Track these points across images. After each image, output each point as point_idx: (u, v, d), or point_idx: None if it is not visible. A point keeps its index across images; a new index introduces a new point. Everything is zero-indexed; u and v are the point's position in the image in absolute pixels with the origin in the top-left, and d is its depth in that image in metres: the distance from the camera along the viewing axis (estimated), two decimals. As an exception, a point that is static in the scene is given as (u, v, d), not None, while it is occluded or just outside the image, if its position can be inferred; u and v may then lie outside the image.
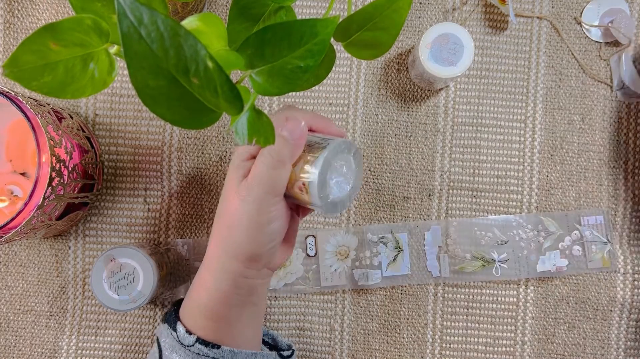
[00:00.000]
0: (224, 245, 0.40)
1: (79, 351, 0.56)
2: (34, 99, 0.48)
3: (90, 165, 0.53)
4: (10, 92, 0.44)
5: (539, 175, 0.56)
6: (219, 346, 0.41)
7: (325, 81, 0.52)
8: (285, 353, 0.47)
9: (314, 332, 0.56)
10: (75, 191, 0.51)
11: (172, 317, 0.43)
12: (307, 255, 0.55)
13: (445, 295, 0.55)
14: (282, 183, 0.38)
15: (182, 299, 0.47)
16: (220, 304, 0.41)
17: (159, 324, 0.46)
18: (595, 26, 0.55)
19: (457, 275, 0.55)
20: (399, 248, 0.55)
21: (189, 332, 0.41)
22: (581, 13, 0.56)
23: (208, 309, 0.41)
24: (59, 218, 0.51)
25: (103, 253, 0.48)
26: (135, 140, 0.56)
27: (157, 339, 0.43)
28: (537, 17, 0.56)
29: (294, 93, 0.56)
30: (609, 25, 0.55)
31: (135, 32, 0.25)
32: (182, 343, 0.41)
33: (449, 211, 0.56)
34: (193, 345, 0.41)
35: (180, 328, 0.41)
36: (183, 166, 0.56)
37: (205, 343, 0.41)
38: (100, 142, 0.56)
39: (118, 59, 0.32)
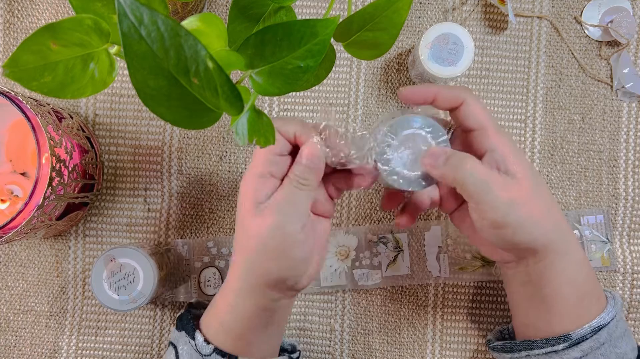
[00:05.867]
0: (249, 267, 0.40)
1: (79, 351, 0.56)
2: (34, 99, 0.48)
3: (90, 165, 0.53)
4: (10, 92, 0.44)
5: (539, 174, 0.56)
6: (236, 357, 0.41)
7: (325, 81, 0.52)
8: (294, 355, 0.48)
9: (315, 332, 0.56)
10: (75, 191, 0.51)
11: (190, 325, 0.43)
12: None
13: (445, 295, 0.55)
14: (307, 205, 0.39)
15: (195, 304, 0.48)
16: (242, 325, 0.41)
17: (172, 329, 0.46)
18: (595, 26, 0.55)
19: (457, 275, 0.55)
20: (399, 248, 0.55)
21: (207, 341, 0.41)
22: (581, 12, 0.56)
23: (229, 327, 0.41)
24: (59, 218, 0.51)
25: (103, 253, 0.48)
26: (135, 140, 0.56)
27: (174, 346, 0.44)
28: (537, 17, 0.56)
29: (294, 93, 0.56)
30: (608, 25, 0.55)
31: (135, 32, 0.25)
32: (199, 352, 0.41)
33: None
34: (210, 355, 0.41)
35: (198, 336, 0.42)
36: (183, 166, 0.56)
37: (222, 353, 0.41)
38: (100, 142, 0.56)
39: (118, 59, 0.32)
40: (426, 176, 0.41)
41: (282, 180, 0.40)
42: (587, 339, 0.41)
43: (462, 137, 0.42)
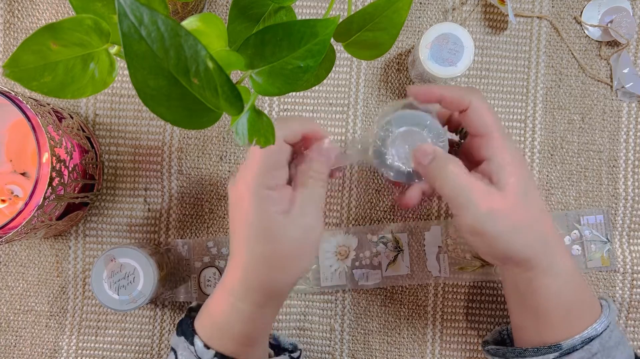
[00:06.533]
0: (260, 271, 0.40)
1: (79, 351, 0.56)
2: (34, 99, 0.48)
3: (90, 165, 0.53)
4: (11, 92, 0.44)
5: (539, 174, 0.56)
6: None
7: (325, 81, 0.52)
8: (294, 355, 0.49)
9: (315, 332, 0.56)
10: (76, 191, 0.51)
11: (189, 330, 0.42)
12: (307, 254, 0.55)
13: (445, 295, 0.55)
14: (324, 202, 0.41)
15: (195, 307, 0.47)
16: (240, 326, 0.41)
17: (173, 333, 0.45)
18: (595, 26, 0.55)
19: (457, 275, 0.55)
20: (399, 248, 0.55)
21: (207, 346, 0.41)
22: (581, 12, 0.56)
23: (227, 330, 0.41)
24: (59, 218, 0.51)
25: (103, 253, 0.48)
26: (135, 140, 0.56)
27: (174, 351, 0.43)
28: (537, 17, 0.56)
29: (294, 93, 0.56)
30: (608, 25, 0.55)
31: (135, 32, 0.25)
32: (200, 358, 0.41)
33: (449, 212, 0.56)
34: None
35: (198, 342, 0.41)
36: (183, 166, 0.56)
37: (224, 358, 0.41)
38: (101, 142, 0.56)
39: (118, 59, 0.32)
40: (417, 172, 0.42)
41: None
42: (577, 349, 0.40)
43: (471, 140, 0.42)
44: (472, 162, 0.42)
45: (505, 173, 0.39)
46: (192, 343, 0.41)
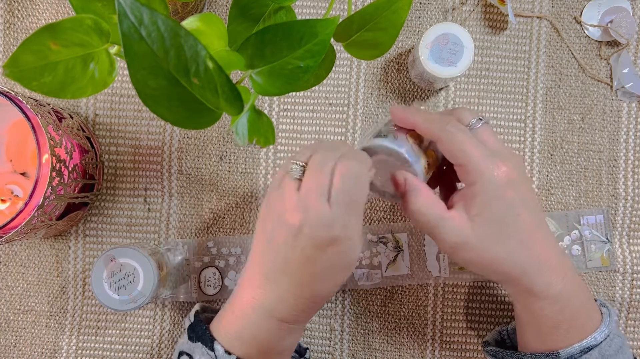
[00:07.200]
0: (316, 300, 0.40)
1: (79, 351, 0.56)
2: (34, 99, 0.48)
3: (90, 165, 0.53)
4: (11, 92, 0.44)
5: (539, 174, 0.56)
6: None
7: (325, 81, 0.52)
8: (306, 355, 0.49)
9: (314, 332, 0.56)
10: (76, 191, 0.51)
11: (206, 335, 0.42)
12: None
13: (445, 295, 0.55)
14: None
15: (201, 311, 0.47)
16: (265, 340, 0.40)
17: (182, 338, 0.45)
18: (595, 26, 0.55)
19: (457, 275, 0.55)
20: (399, 248, 0.55)
21: (228, 352, 0.40)
22: (581, 12, 0.56)
23: (251, 340, 0.40)
24: (59, 218, 0.51)
25: (103, 253, 0.48)
26: (135, 140, 0.56)
27: (189, 356, 0.42)
28: (537, 17, 0.56)
29: (294, 93, 0.56)
30: (608, 25, 0.55)
31: (135, 33, 0.25)
32: None
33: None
34: None
35: (218, 347, 0.41)
36: (183, 166, 0.56)
37: None
38: (101, 142, 0.56)
39: (118, 59, 0.32)
40: (395, 192, 0.43)
41: None
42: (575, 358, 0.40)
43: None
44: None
45: (478, 205, 0.39)
46: (212, 349, 0.41)
